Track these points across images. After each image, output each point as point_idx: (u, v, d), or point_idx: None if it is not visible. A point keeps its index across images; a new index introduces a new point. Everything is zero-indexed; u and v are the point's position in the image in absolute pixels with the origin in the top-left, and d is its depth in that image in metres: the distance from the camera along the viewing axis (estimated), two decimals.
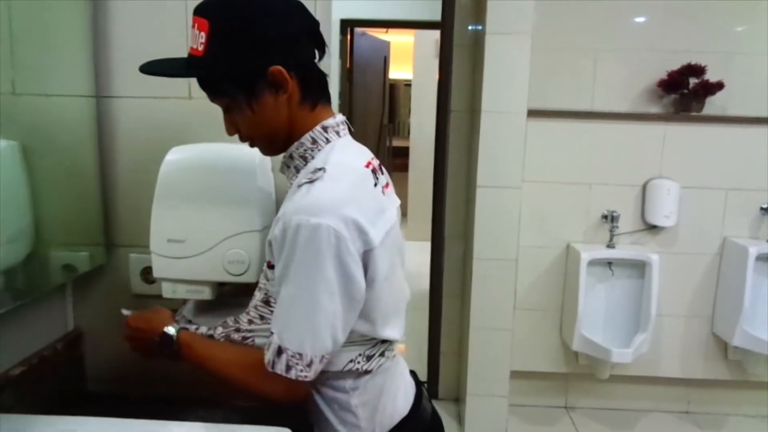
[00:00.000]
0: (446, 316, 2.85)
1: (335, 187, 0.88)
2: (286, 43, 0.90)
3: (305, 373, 0.86)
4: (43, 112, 1.15)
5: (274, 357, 0.86)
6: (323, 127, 0.96)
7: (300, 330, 0.85)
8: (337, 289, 0.85)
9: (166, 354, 0.99)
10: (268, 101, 0.91)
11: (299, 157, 0.96)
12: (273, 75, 0.89)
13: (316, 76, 0.96)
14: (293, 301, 0.86)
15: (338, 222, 0.84)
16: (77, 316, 1.36)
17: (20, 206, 1.11)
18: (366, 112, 5.18)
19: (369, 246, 0.88)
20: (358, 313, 0.91)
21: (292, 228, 0.84)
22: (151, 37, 1.11)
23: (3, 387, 1.10)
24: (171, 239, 1.12)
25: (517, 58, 2.32)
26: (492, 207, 2.40)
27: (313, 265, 0.83)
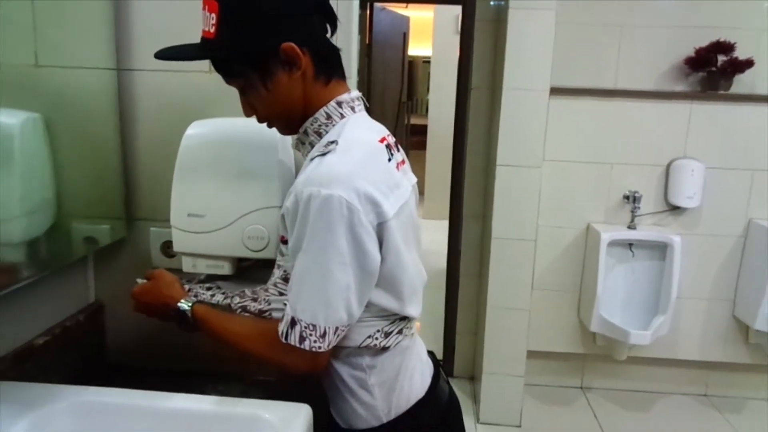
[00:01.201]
0: (463, 295, 2.85)
1: (347, 159, 0.87)
2: (297, 19, 0.89)
3: (319, 344, 0.86)
4: (65, 84, 1.15)
5: (288, 328, 0.87)
6: (338, 102, 0.95)
7: (313, 301, 0.85)
8: (350, 261, 0.84)
9: (182, 327, 1.00)
10: (282, 79, 0.91)
11: (314, 133, 0.95)
12: (285, 52, 0.88)
13: (328, 51, 0.95)
14: (305, 273, 0.85)
15: (350, 193, 0.83)
16: (98, 289, 1.37)
17: (43, 178, 1.11)
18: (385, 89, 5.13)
19: (383, 218, 0.87)
20: (373, 286, 0.90)
21: (303, 199, 0.83)
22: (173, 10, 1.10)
23: (27, 356, 1.11)
24: (191, 214, 1.12)
25: (540, 34, 2.27)
26: (512, 186, 2.38)
27: (324, 236, 0.83)
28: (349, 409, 1.00)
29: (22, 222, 1.07)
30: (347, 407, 1.00)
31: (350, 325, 0.89)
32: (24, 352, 1.11)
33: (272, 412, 0.92)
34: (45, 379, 1.11)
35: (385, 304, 0.94)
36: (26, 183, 1.07)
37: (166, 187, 1.13)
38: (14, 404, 0.92)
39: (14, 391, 0.96)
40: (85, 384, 1.01)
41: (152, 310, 1.04)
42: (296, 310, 0.86)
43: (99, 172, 1.27)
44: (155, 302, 1.02)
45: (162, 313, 1.02)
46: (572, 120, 2.62)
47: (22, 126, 1.05)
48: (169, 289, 1.03)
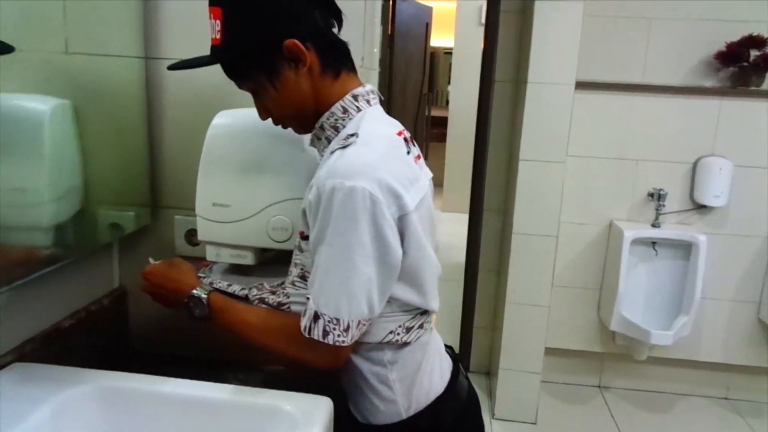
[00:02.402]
0: (481, 290, 2.83)
1: (368, 152, 0.86)
2: (297, 16, 0.89)
3: (342, 338, 0.86)
4: (94, 71, 1.16)
5: (311, 323, 0.86)
6: (353, 96, 0.95)
7: (336, 294, 0.85)
8: (372, 254, 0.84)
9: (194, 316, 0.99)
10: (289, 77, 0.91)
11: (330, 128, 0.95)
12: (288, 49, 0.88)
13: (334, 44, 0.95)
14: (329, 266, 0.85)
15: (373, 185, 0.82)
16: (123, 275, 1.39)
17: (71, 164, 1.12)
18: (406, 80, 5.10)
19: (404, 210, 0.86)
20: (395, 280, 0.90)
21: (326, 192, 0.83)
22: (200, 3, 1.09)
23: (54, 338, 1.13)
24: (216, 203, 1.12)
25: (567, 27, 2.24)
26: (534, 181, 2.35)
27: (348, 229, 0.83)
28: (369, 404, 1.00)
29: (51, 207, 1.08)
30: (366, 402, 1.00)
31: (372, 319, 0.89)
32: (51, 334, 1.13)
33: (293, 404, 0.92)
34: (70, 361, 1.13)
35: (409, 299, 0.94)
36: (55, 169, 1.08)
37: (191, 176, 1.14)
38: (41, 386, 0.94)
39: (41, 373, 0.98)
40: (107, 367, 1.02)
41: (162, 294, 1.03)
42: (319, 304, 0.86)
43: (125, 159, 1.28)
44: (167, 286, 1.02)
45: (172, 300, 1.02)
46: (597, 115, 2.58)
47: (52, 112, 1.06)
48: (184, 275, 1.03)
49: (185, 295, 0.99)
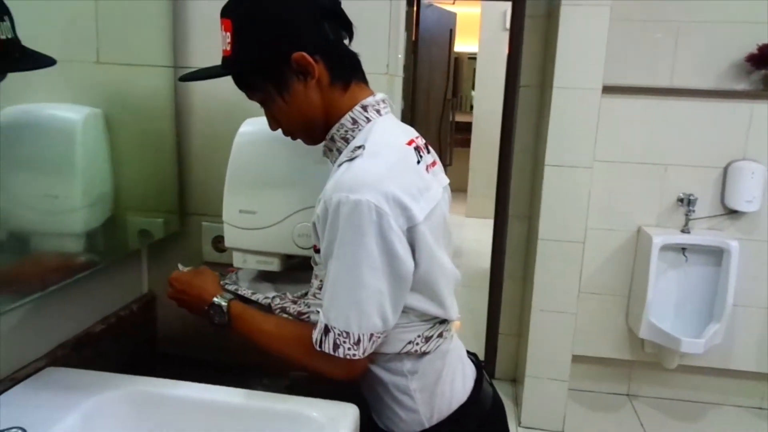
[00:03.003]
0: (507, 296, 2.81)
1: (374, 164, 0.86)
2: (306, 29, 0.89)
3: (353, 352, 0.85)
4: (125, 81, 1.18)
5: (321, 335, 0.86)
6: (363, 106, 0.94)
7: (345, 308, 0.85)
8: (381, 266, 0.83)
9: (214, 323, 1.00)
10: (297, 89, 0.91)
11: (341, 139, 0.95)
12: (296, 61, 0.89)
13: (343, 56, 0.95)
14: (337, 279, 0.85)
15: (379, 197, 0.82)
16: (151, 280, 1.41)
17: (102, 172, 1.15)
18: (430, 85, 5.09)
19: (412, 222, 0.85)
20: (407, 291, 0.89)
21: (332, 205, 0.83)
22: None
23: (85, 343, 1.15)
24: (243, 210, 1.13)
25: (593, 31, 2.21)
26: (560, 187, 2.33)
27: (355, 242, 0.82)
28: (390, 413, 1.00)
29: (83, 214, 1.11)
30: (388, 412, 1.00)
31: (386, 331, 0.88)
32: (83, 339, 1.15)
33: (320, 411, 0.92)
34: (101, 365, 1.15)
35: (425, 308, 0.93)
36: (87, 176, 1.11)
37: (218, 183, 1.15)
38: (73, 391, 0.95)
39: (73, 378, 1.00)
40: (136, 371, 1.04)
41: (185, 300, 1.05)
42: (329, 317, 0.86)
43: (154, 167, 1.31)
44: (190, 292, 1.04)
45: (194, 306, 1.03)
46: (625, 119, 2.55)
47: (84, 121, 1.09)
48: (207, 283, 1.04)
49: (206, 303, 1.00)
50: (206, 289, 1.02)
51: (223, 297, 1.00)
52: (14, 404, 0.91)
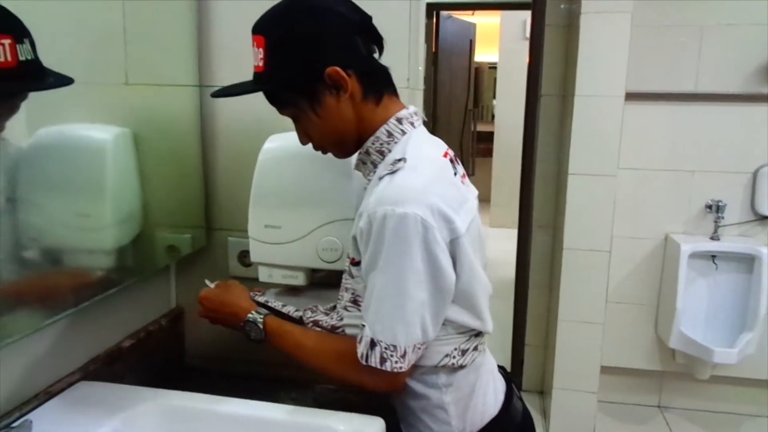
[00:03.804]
0: (532, 307, 2.78)
1: (418, 176, 0.87)
2: (338, 43, 0.90)
3: (400, 365, 0.86)
4: (153, 101, 1.21)
5: (368, 350, 0.86)
6: (397, 119, 0.95)
7: (392, 321, 0.85)
8: (425, 278, 0.84)
9: (251, 339, 1.01)
10: (330, 103, 0.91)
11: (376, 152, 0.95)
12: (330, 76, 0.89)
13: (375, 70, 0.95)
14: (383, 293, 0.85)
15: (425, 210, 0.82)
16: (179, 295, 1.43)
17: (131, 190, 1.17)
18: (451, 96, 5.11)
19: (455, 234, 0.86)
20: (449, 303, 0.89)
21: (378, 219, 0.83)
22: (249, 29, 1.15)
23: (116, 357, 1.18)
24: (268, 225, 1.15)
25: (615, 38, 2.20)
26: (584, 195, 2.31)
27: (401, 255, 0.83)
28: (423, 426, 0.99)
29: (113, 231, 1.13)
30: (420, 425, 0.99)
31: (426, 342, 0.88)
32: (114, 353, 1.17)
33: (347, 424, 0.92)
34: (131, 379, 1.18)
35: (464, 321, 0.93)
36: (117, 194, 1.13)
37: (244, 198, 1.17)
38: (104, 405, 0.97)
39: (105, 392, 1.02)
40: (165, 384, 1.06)
41: (218, 318, 1.06)
42: (375, 330, 0.86)
43: (181, 183, 1.33)
44: (223, 310, 1.05)
45: (230, 323, 1.04)
46: (649, 126, 2.52)
47: (114, 141, 1.12)
48: (239, 300, 1.05)
49: (241, 320, 1.01)
50: (239, 305, 1.03)
51: (257, 313, 1.01)
52: (49, 418, 0.93)
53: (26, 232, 0.95)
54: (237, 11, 1.29)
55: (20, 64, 0.78)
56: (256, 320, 1.00)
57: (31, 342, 0.97)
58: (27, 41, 0.79)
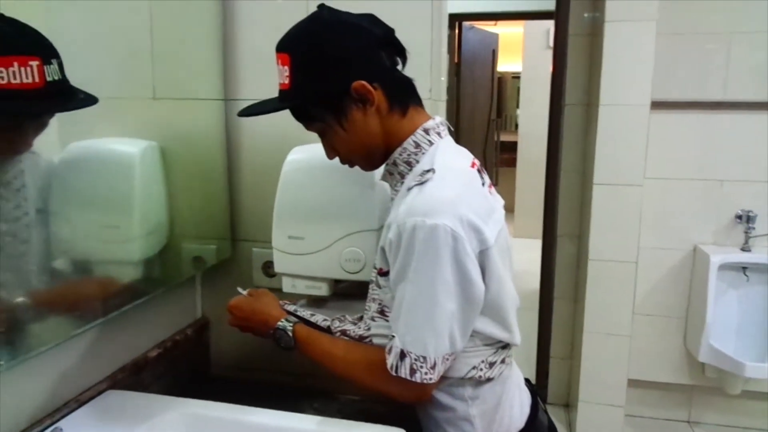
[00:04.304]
0: (557, 318, 2.75)
1: (447, 187, 0.87)
2: (363, 57, 0.90)
3: (429, 376, 0.86)
4: (179, 115, 1.24)
5: (397, 361, 0.86)
6: (424, 130, 0.95)
7: (422, 333, 0.85)
8: (455, 289, 0.84)
9: (280, 346, 1.02)
10: (357, 117, 0.92)
11: (403, 163, 0.96)
12: (356, 90, 0.90)
13: (400, 82, 0.96)
14: (413, 304, 0.85)
15: (455, 221, 0.83)
16: (205, 305, 1.45)
17: (158, 202, 1.20)
18: (474, 106, 5.11)
19: (485, 245, 0.86)
20: (477, 315, 0.89)
21: (408, 230, 0.84)
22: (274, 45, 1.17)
23: (143, 366, 1.20)
24: (291, 236, 1.16)
25: (640, 47, 2.18)
26: (610, 206, 2.28)
27: (431, 266, 0.83)
28: None
29: (141, 242, 1.16)
30: None
31: (455, 353, 0.88)
32: (140, 362, 1.19)
33: None
34: (157, 388, 1.19)
35: (491, 332, 0.93)
36: (144, 206, 1.16)
37: (268, 210, 1.18)
38: (132, 413, 0.99)
39: (132, 401, 1.04)
40: (191, 394, 1.07)
41: (248, 326, 1.07)
42: (405, 342, 0.86)
43: (207, 195, 1.35)
44: (253, 318, 1.06)
45: (259, 331, 1.05)
46: (676, 135, 2.48)
47: (141, 154, 1.14)
48: (269, 308, 1.06)
49: (271, 327, 1.02)
50: (269, 313, 1.04)
51: (287, 321, 1.02)
52: (79, 426, 0.95)
53: (57, 245, 0.97)
54: (261, 26, 1.32)
55: (47, 85, 0.80)
56: (285, 328, 1.01)
57: (62, 351, 1.00)
58: (55, 62, 0.82)
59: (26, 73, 0.77)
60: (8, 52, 0.76)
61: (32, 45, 0.80)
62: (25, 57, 0.77)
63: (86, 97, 0.88)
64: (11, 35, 0.78)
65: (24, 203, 0.89)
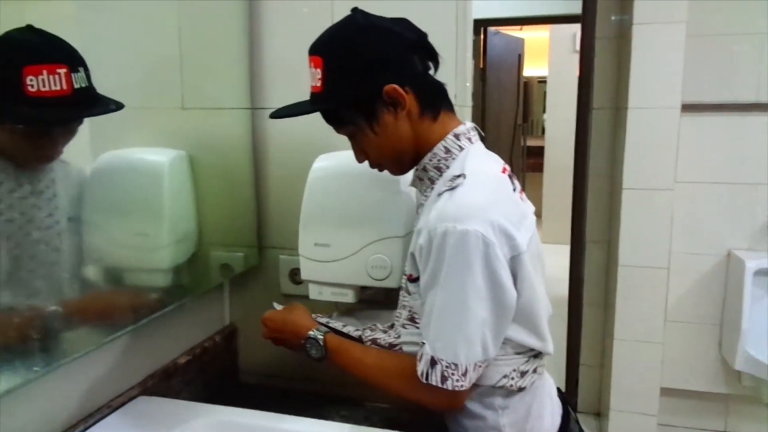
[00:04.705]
0: (587, 325, 2.70)
1: (478, 193, 0.86)
2: (396, 61, 0.90)
3: (461, 383, 0.85)
4: (207, 124, 1.26)
5: (428, 368, 0.86)
6: (455, 135, 0.95)
7: (453, 339, 0.84)
8: (486, 295, 0.83)
9: (311, 356, 1.02)
10: (388, 121, 0.92)
11: (433, 168, 0.95)
12: (388, 94, 0.90)
13: (432, 86, 0.95)
14: (444, 310, 0.85)
15: (486, 227, 0.82)
16: (233, 312, 1.47)
17: (187, 210, 1.22)
18: (500, 111, 5.08)
19: (516, 251, 0.85)
20: (509, 322, 0.88)
21: (438, 235, 0.83)
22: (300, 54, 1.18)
23: (173, 373, 1.21)
24: (318, 243, 1.16)
25: (669, 50, 2.14)
26: (640, 210, 2.24)
27: (462, 272, 0.82)
28: None
29: (170, 250, 1.17)
30: None
31: (487, 360, 0.87)
32: (170, 369, 1.21)
33: None
34: (187, 394, 1.21)
35: (523, 340, 0.91)
36: (173, 215, 1.18)
37: (294, 217, 1.19)
38: (163, 419, 1.00)
39: (163, 407, 1.05)
40: (219, 400, 1.08)
41: (281, 338, 1.08)
42: (436, 348, 0.85)
43: (234, 204, 1.37)
44: (285, 329, 1.06)
45: (291, 342, 1.06)
46: (708, 138, 2.42)
47: (170, 163, 1.16)
48: (301, 319, 1.06)
49: (302, 337, 1.02)
50: (301, 324, 1.04)
51: (318, 330, 1.02)
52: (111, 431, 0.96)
53: (89, 253, 0.99)
54: (287, 35, 1.33)
55: (75, 92, 0.82)
56: (316, 337, 1.01)
57: (94, 358, 1.02)
58: (82, 69, 0.84)
59: (54, 81, 0.80)
60: (37, 61, 0.79)
61: (60, 54, 0.82)
62: (53, 65, 0.80)
63: (112, 103, 0.91)
64: (40, 45, 0.81)
65: (56, 212, 0.91)
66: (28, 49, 0.80)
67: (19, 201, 0.86)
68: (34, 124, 0.84)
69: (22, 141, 0.86)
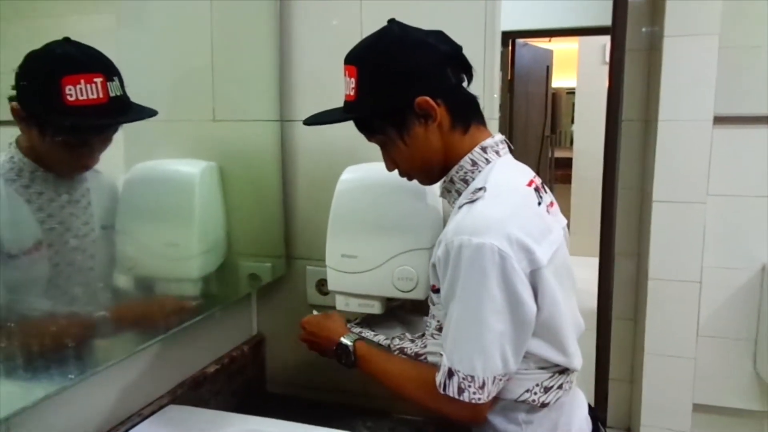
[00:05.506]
0: (616, 339, 2.65)
1: (496, 206, 0.86)
2: (429, 73, 0.91)
3: (478, 396, 0.84)
4: (237, 135, 1.28)
5: (445, 379, 0.86)
6: (482, 148, 0.95)
7: (469, 351, 0.84)
8: (504, 309, 0.83)
9: (342, 363, 1.04)
10: (418, 132, 0.93)
11: (460, 180, 0.96)
12: (420, 105, 0.90)
13: (463, 99, 0.96)
14: (460, 322, 0.85)
15: (501, 240, 0.82)
16: (260, 322, 1.48)
17: (216, 221, 1.24)
18: (527, 123, 5.04)
19: (536, 265, 0.84)
20: (530, 335, 0.87)
21: (454, 248, 0.83)
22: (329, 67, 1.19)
23: (202, 382, 1.23)
24: (344, 254, 1.17)
25: (701, 62, 2.11)
26: (671, 223, 2.20)
27: (478, 285, 0.82)
28: None
29: (200, 260, 1.19)
30: None
31: (507, 374, 0.87)
32: (199, 378, 1.22)
33: None
34: (215, 403, 1.22)
35: (545, 354, 0.91)
36: (203, 225, 1.20)
37: (321, 228, 1.20)
38: (192, 428, 1.02)
39: (192, 417, 1.07)
40: (247, 410, 1.10)
41: (315, 342, 1.11)
42: (453, 360, 0.86)
43: (262, 214, 1.39)
44: (320, 334, 1.10)
45: (324, 347, 1.08)
46: (741, 150, 2.37)
47: (201, 174, 1.18)
48: (336, 325, 1.10)
49: (334, 343, 1.05)
50: (335, 330, 1.08)
51: (349, 337, 1.05)
52: None
53: (121, 261, 1.02)
54: (317, 49, 1.35)
55: (111, 100, 0.85)
56: (347, 344, 1.03)
57: (125, 366, 1.04)
58: (116, 79, 0.87)
59: (92, 90, 0.83)
60: (75, 71, 0.82)
61: (96, 63, 0.85)
62: (90, 74, 0.83)
63: (146, 110, 0.93)
64: (77, 56, 0.84)
65: (91, 220, 0.94)
66: (66, 60, 0.83)
67: (58, 209, 0.89)
68: (74, 131, 0.87)
69: (62, 150, 0.89)
